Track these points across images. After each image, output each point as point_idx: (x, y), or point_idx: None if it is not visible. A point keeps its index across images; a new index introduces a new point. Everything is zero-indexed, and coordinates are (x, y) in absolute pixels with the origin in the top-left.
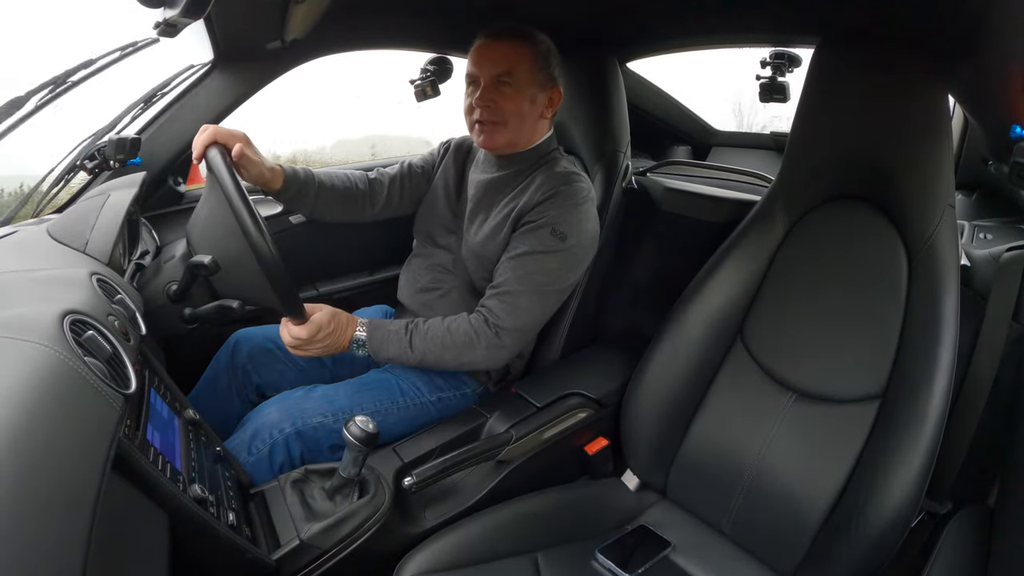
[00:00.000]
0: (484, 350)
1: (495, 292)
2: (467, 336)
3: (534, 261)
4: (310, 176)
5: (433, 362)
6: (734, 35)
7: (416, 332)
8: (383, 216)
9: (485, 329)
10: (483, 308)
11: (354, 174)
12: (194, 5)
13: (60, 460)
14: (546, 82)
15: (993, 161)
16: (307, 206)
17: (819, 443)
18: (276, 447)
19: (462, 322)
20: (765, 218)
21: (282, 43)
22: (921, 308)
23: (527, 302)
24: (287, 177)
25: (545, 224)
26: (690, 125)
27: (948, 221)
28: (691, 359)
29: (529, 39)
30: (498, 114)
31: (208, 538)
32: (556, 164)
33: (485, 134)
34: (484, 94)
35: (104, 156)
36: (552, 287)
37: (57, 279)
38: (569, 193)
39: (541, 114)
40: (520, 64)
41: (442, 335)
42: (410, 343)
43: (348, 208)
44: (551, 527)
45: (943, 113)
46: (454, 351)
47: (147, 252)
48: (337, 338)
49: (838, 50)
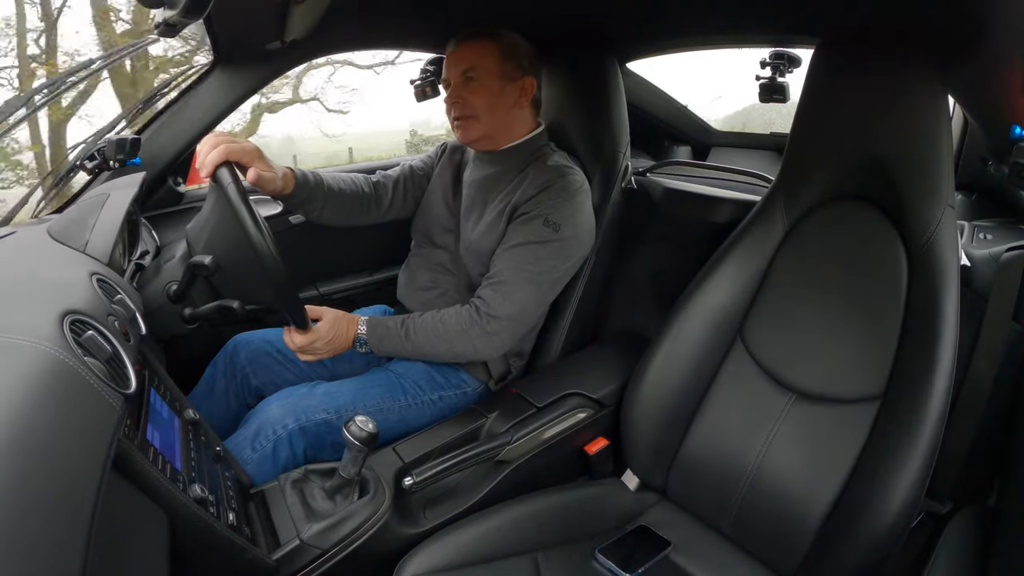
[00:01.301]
0: (476, 339)
1: (489, 282)
2: (458, 325)
3: (527, 251)
4: (319, 180)
5: (429, 353)
6: (734, 35)
7: (412, 324)
8: (386, 219)
9: (476, 317)
10: (476, 298)
11: (358, 177)
12: (194, 5)
13: (60, 460)
14: (514, 72)
15: (993, 161)
16: (315, 210)
17: (819, 443)
18: (279, 443)
19: (453, 312)
20: (765, 218)
21: (282, 43)
22: (921, 308)
23: (519, 291)
24: (298, 183)
25: (538, 215)
26: (690, 125)
27: (948, 221)
28: (691, 359)
29: (492, 36)
30: (468, 108)
31: (208, 538)
32: (548, 158)
33: (460, 129)
34: (453, 91)
35: (104, 156)
36: (545, 276)
37: (57, 279)
38: (562, 185)
39: (515, 103)
40: (482, 59)
41: (434, 325)
42: (406, 335)
43: (353, 211)
44: (551, 527)
45: (943, 113)
46: (446, 341)
47: (147, 252)
48: (340, 340)
49: (838, 50)
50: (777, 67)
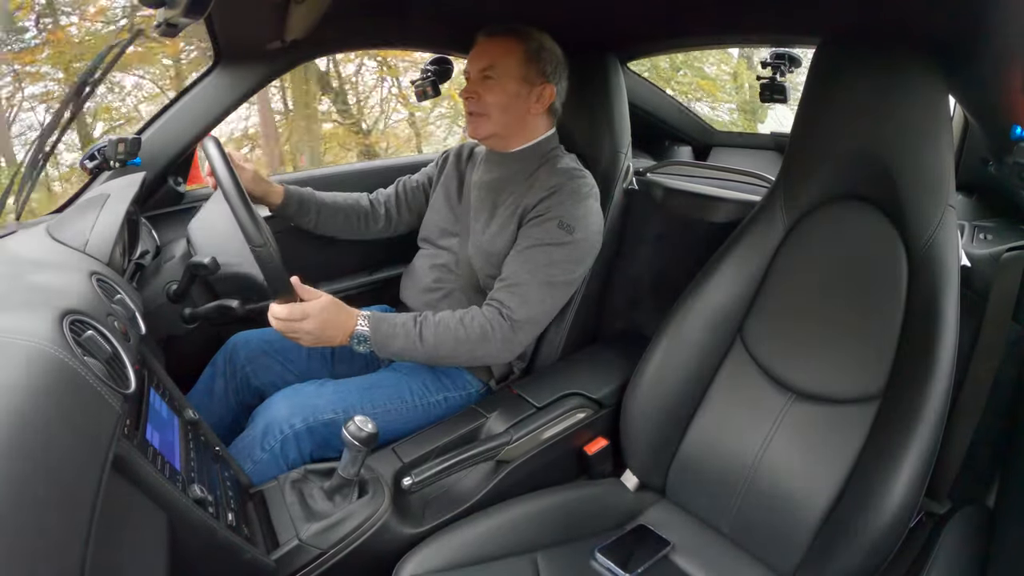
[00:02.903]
0: (499, 343)
1: (504, 285)
2: (482, 329)
3: (542, 253)
4: (311, 193)
5: (446, 355)
6: (735, 35)
7: (426, 324)
8: (387, 234)
9: (500, 321)
10: (494, 301)
11: (354, 194)
12: (194, 5)
13: (60, 460)
14: (534, 77)
15: (993, 161)
16: (310, 221)
17: (818, 443)
18: (287, 442)
19: (476, 315)
20: (765, 218)
21: (282, 43)
22: (921, 308)
23: (537, 294)
24: (287, 193)
25: (552, 217)
26: (690, 125)
27: (948, 221)
28: (691, 359)
29: (519, 36)
30: (481, 106)
31: (207, 538)
32: (558, 161)
33: (471, 124)
34: (469, 86)
35: (104, 156)
36: (560, 279)
37: (57, 279)
38: (573, 188)
39: (529, 109)
40: (504, 59)
41: (455, 327)
42: (420, 336)
43: (351, 222)
44: (550, 527)
45: (943, 113)
46: (468, 344)
47: (147, 252)
48: (331, 330)
49: (838, 50)
50: (778, 67)
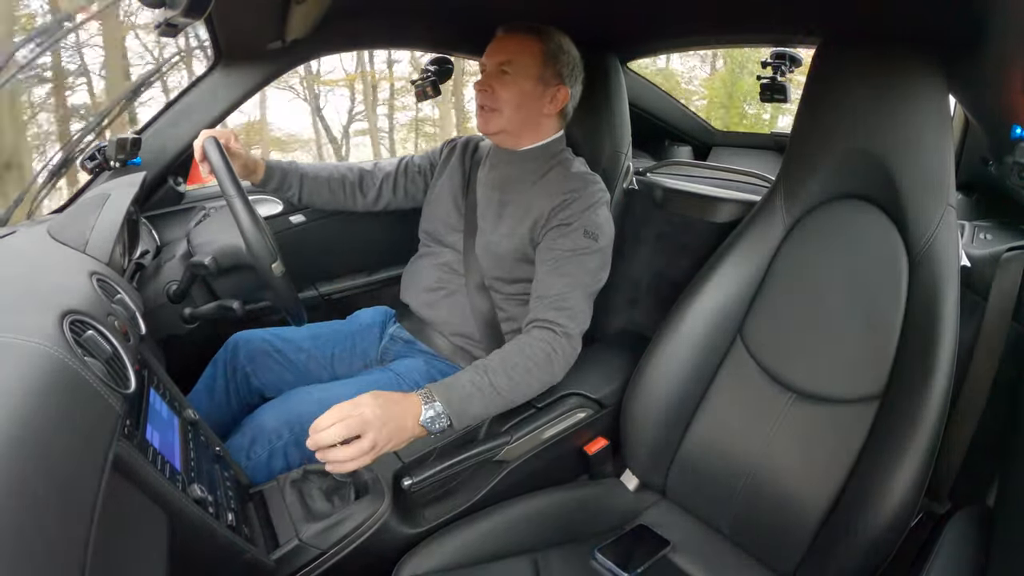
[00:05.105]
0: (563, 360)
1: (547, 303)
2: (545, 353)
3: (576, 263)
4: (292, 165)
5: (523, 393)
6: (735, 35)
7: (492, 372)
8: (376, 207)
9: (558, 339)
10: (542, 321)
11: (343, 165)
12: (194, 5)
13: (60, 460)
14: (550, 78)
15: (993, 161)
16: (293, 194)
17: (818, 443)
18: (274, 454)
19: (532, 340)
20: (765, 218)
21: (282, 43)
22: (921, 308)
23: (581, 304)
24: (268, 167)
25: (577, 227)
26: (690, 125)
27: (948, 221)
28: (691, 359)
29: (539, 34)
30: (494, 100)
31: (207, 538)
32: (571, 165)
33: (481, 118)
34: (484, 80)
35: (104, 156)
36: (593, 287)
37: (57, 279)
38: (590, 193)
39: (542, 110)
40: (522, 56)
41: (523, 361)
42: (492, 386)
43: (336, 194)
44: (550, 527)
45: (943, 113)
46: (538, 372)
47: (147, 252)
48: (397, 421)
49: (838, 50)
50: (778, 67)
